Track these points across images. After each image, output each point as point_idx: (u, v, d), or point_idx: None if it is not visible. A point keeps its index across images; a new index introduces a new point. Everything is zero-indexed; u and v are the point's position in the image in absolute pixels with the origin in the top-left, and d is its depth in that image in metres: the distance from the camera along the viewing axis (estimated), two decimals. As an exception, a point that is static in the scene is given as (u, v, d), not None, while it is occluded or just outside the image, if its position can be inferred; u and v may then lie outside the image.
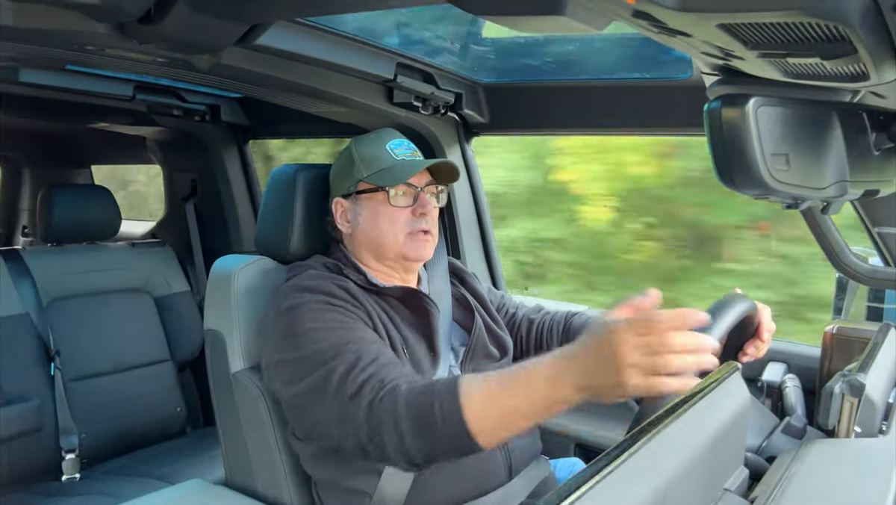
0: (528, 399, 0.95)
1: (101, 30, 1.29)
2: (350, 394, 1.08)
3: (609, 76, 1.82)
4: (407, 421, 1.02)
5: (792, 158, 0.82)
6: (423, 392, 1.03)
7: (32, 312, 2.20)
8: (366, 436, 1.05)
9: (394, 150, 1.35)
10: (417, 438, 1.01)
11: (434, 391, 1.02)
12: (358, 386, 1.08)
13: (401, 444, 1.02)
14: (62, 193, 2.43)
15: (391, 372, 1.10)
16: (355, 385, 1.08)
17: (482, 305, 1.47)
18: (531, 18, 0.67)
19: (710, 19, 0.59)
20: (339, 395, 1.10)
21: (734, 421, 0.83)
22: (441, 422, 0.99)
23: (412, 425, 1.01)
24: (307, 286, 1.24)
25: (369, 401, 1.06)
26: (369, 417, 1.05)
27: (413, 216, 1.32)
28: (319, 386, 1.13)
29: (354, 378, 1.09)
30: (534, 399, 0.94)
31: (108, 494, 1.95)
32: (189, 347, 2.58)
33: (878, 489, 0.82)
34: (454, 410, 0.98)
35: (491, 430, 0.99)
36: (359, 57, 1.67)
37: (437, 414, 0.99)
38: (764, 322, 1.22)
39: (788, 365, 1.66)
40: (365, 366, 1.11)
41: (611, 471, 0.58)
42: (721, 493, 0.80)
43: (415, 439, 1.01)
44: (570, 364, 0.92)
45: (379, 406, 1.04)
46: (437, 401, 1.00)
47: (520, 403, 0.95)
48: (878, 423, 1.05)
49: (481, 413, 0.98)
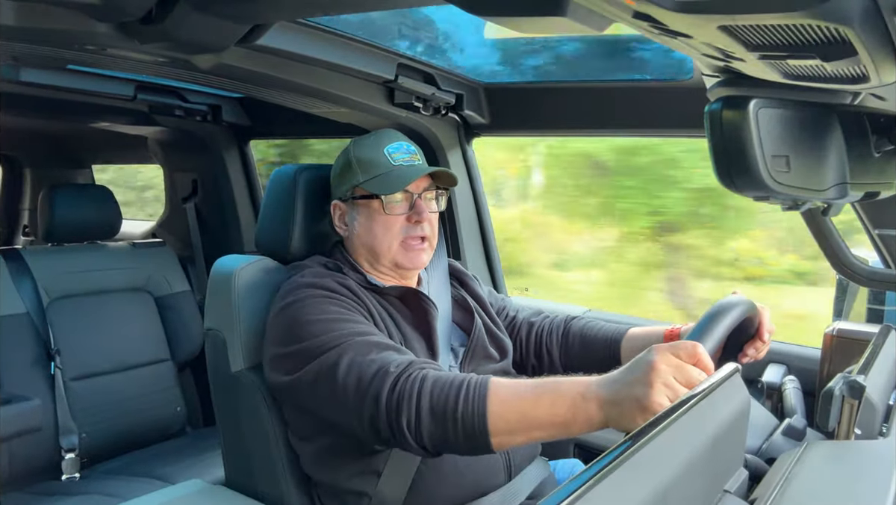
0: (552, 409, 0.96)
1: (102, 29, 1.29)
2: (373, 370, 1.08)
3: (610, 77, 1.82)
4: (428, 401, 1.02)
5: (792, 160, 0.82)
6: (452, 380, 1.03)
7: (33, 311, 2.20)
8: (383, 411, 1.05)
9: (392, 154, 1.34)
10: (434, 421, 1.02)
11: (463, 382, 1.02)
12: (382, 364, 1.08)
13: (417, 422, 1.02)
14: (63, 193, 2.43)
15: (410, 357, 1.11)
16: (378, 364, 1.08)
17: (482, 307, 1.47)
18: (532, 19, 0.67)
19: (711, 21, 0.59)
20: (350, 377, 1.09)
21: (734, 422, 0.83)
22: (462, 411, 1.00)
23: (432, 407, 1.02)
24: (307, 283, 1.24)
25: (395, 377, 1.06)
26: (392, 393, 1.05)
27: (409, 223, 1.32)
28: (326, 372, 1.12)
29: (375, 357, 1.09)
30: (557, 410, 0.95)
31: (107, 493, 1.94)
32: (189, 347, 2.58)
33: (878, 491, 0.82)
34: (479, 404, 0.99)
35: (507, 432, 1.00)
36: (360, 57, 1.67)
37: (462, 403, 1.00)
38: (764, 323, 1.22)
39: (788, 366, 1.66)
40: (384, 347, 1.11)
41: (610, 472, 0.58)
42: (721, 494, 0.80)
43: (431, 422, 1.02)
44: (603, 380, 0.94)
45: (404, 383, 1.04)
46: (464, 390, 1.01)
47: (543, 411, 0.96)
48: (879, 425, 1.05)
49: (503, 413, 0.99)
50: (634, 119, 1.79)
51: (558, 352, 1.47)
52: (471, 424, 0.99)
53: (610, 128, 1.95)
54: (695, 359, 0.91)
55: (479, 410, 0.99)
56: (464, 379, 1.03)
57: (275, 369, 1.24)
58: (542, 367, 1.48)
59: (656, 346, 0.92)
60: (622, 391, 0.91)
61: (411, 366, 1.07)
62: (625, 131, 2.03)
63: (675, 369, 0.89)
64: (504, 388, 1.01)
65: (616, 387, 0.92)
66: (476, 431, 0.99)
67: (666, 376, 0.88)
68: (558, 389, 0.96)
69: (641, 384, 0.88)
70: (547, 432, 0.98)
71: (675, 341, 0.95)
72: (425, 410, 1.02)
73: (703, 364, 0.91)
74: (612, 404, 0.91)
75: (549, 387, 0.98)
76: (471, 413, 0.99)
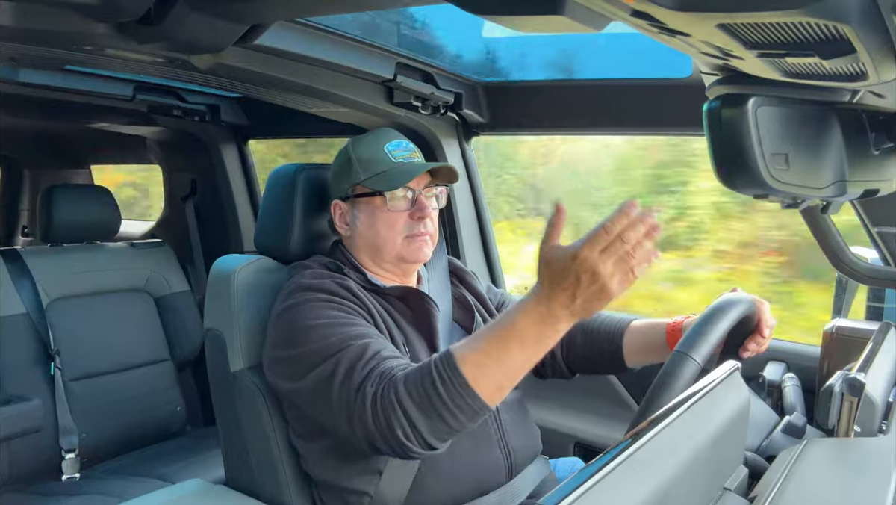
0: (523, 349, 0.99)
1: (100, 30, 1.29)
2: (355, 388, 1.08)
3: (609, 75, 1.82)
4: (411, 404, 1.02)
5: (791, 158, 0.82)
6: (420, 373, 1.04)
7: (32, 311, 2.20)
8: (374, 429, 1.05)
9: (392, 151, 1.34)
10: (426, 417, 1.02)
11: (431, 368, 1.02)
12: (361, 379, 1.08)
13: (412, 428, 1.02)
14: (62, 193, 2.43)
15: (390, 364, 1.10)
16: (359, 379, 1.09)
17: (482, 305, 1.47)
18: (530, 18, 0.67)
19: (710, 19, 0.59)
20: (343, 389, 1.09)
21: (734, 420, 0.83)
22: (446, 394, 1.00)
23: (417, 406, 1.02)
24: (308, 285, 1.24)
25: (373, 395, 1.06)
26: (375, 411, 1.05)
27: (411, 220, 1.32)
28: (324, 381, 1.12)
29: (360, 371, 1.09)
30: (527, 348, 0.99)
31: (107, 493, 1.95)
32: (189, 347, 2.58)
33: (878, 488, 0.82)
34: (456, 378, 1.00)
35: (496, 386, 1.01)
36: (358, 57, 1.67)
37: (441, 386, 1.00)
38: (764, 318, 1.22)
39: (788, 364, 1.66)
40: (368, 359, 1.11)
41: (611, 470, 0.58)
42: (721, 492, 0.80)
43: (424, 419, 1.02)
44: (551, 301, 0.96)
45: (382, 398, 1.05)
46: (436, 375, 1.01)
47: (516, 355, 0.99)
48: (878, 422, 1.05)
49: (483, 376, 1.00)
50: (634, 118, 1.79)
51: (560, 346, 1.47)
52: (461, 399, 1.00)
53: (610, 126, 1.95)
54: (616, 231, 0.92)
55: (459, 384, 1.00)
56: (429, 364, 1.03)
57: (275, 373, 1.24)
58: (544, 361, 1.47)
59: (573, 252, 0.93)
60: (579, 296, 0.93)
61: (383, 376, 1.07)
62: (625, 130, 2.03)
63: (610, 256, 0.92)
64: (470, 351, 1.02)
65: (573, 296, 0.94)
66: (468, 404, 1.00)
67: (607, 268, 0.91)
68: (517, 329, 0.98)
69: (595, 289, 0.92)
70: (530, 365, 1.02)
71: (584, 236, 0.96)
72: (413, 412, 1.02)
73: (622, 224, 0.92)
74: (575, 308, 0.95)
75: (509, 331, 0.99)
76: (454, 391, 1.00)
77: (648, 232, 0.93)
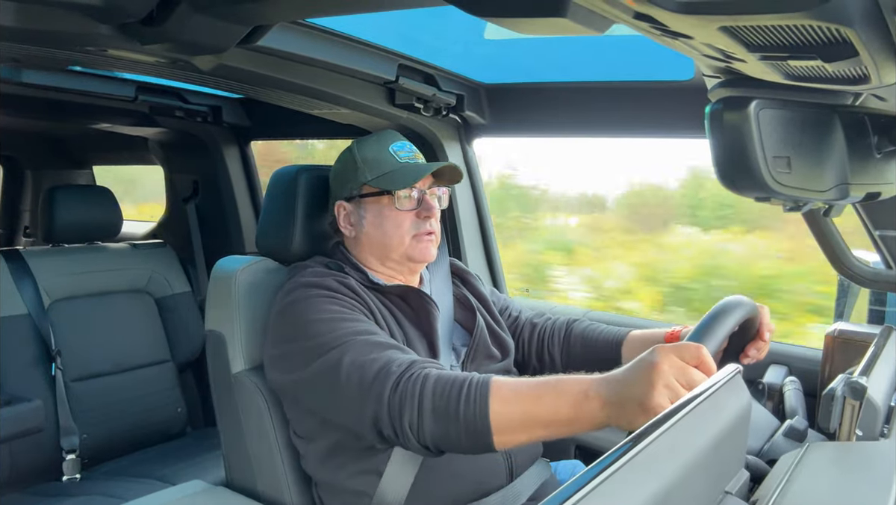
0: (554, 408, 0.96)
1: (103, 31, 1.29)
2: (376, 368, 1.08)
3: (611, 78, 1.82)
4: (431, 401, 1.02)
5: (793, 161, 0.82)
6: (454, 379, 1.03)
7: (34, 312, 2.21)
8: (385, 411, 1.05)
9: (397, 152, 1.35)
10: (436, 421, 1.02)
11: (464, 382, 1.02)
12: (379, 366, 1.08)
13: (419, 422, 1.02)
14: (64, 194, 2.43)
15: (412, 356, 1.11)
16: (376, 365, 1.09)
17: (484, 306, 1.47)
18: (532, 20, 0.67)
19: (712, 22, 0.59)
20: (352, 377, 1.09)
21: (735, 423, 0.83)
22: (464, 411, 1.00)
23: (434, 407, 1.02)
24: (309, 282, 1.24)
25: (398, 374, 1.06)
26: (395, 389, 1.05)
27: (418, 219, 1.33)
28: (328, 371, 1.12)
29: (374, 359, 1.09)
30: (559, 409, 0.95)
31: (108, 494, 1.95)
32: (190, 348, 2.58)
33: (880, 493, 0.81)
34: (481, 403, 0.99)
35: (510, 431, 1.00)
36: (360, 58, 1.67)
37: (463, 402, 1.00)
38: (764, 322, 1.22)
39: (789, 367, 1.66)
40: (385, 348, 1.11)
41: (611, 473, 0.58)
42: (722, 495, 0.80)
43: (433, 421, 1.02)
44: (605, 379, 0.94)
45: (406, 382, 1.05)
46: (466, 390, 1.01)
47: (545, 410, 0.96)
48: (880, 426, 1.04)
49: (505, 413, 0.99)
50: (636, 120, 1.79)
51: (560, 354, 1.48)
52: (473, 423, 0.99)
53: (612, 129, 1.95)
54: (698, 361, 0.91)
55: (481, 410, 0.99)
56: (466, 378, 1.03)
57: (276, 368, 1.24)
58: (544, 368, 1.48)
59: (659, 346, 0.92)
60: (624, 391, 0.90)
61: (413, 365, 1.07)
62: (626, 133, 2.02)
63: (678, 371, 0.89)
64: (506, 387, 1.01)
65: (618, 387, 0.92)
66: (478, 431, 0.99)
67: (668, 377, 0.88)
68: (560, 388, 0.96)
69: (643, 384, 0.88)
70: (549, 431, 0.98)
71: (678, 342, 0.95)
72: (427, 410, 1.02)
73: (705, 366, 0.91)
74: (614, 404, 0.91)
75: (552, 385, 0.98)
76: (473, 413, 0.99)
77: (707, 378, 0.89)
